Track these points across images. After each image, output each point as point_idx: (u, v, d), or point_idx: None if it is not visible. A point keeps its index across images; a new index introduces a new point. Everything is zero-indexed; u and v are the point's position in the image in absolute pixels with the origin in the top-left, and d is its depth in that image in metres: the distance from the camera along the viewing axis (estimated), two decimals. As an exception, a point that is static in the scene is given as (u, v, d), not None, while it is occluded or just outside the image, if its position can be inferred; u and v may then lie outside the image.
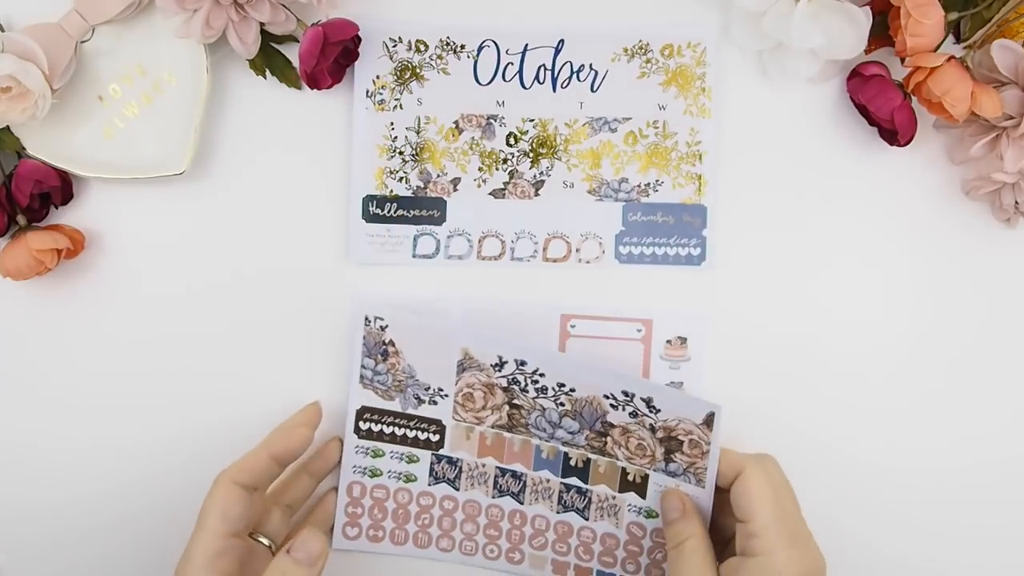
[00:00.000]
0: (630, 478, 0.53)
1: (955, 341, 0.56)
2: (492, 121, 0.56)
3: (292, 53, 0.55)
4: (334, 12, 0.53)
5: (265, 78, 0.56)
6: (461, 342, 0.53)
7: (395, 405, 0.54)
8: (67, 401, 0.58)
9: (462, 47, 0.56)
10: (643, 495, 0.53)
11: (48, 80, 0.51)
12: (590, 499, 0.54)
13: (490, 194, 0.57)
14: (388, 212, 0.57)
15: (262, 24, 0.52)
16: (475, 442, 0.55)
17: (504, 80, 0.56)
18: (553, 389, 0.52)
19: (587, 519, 0.55)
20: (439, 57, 0.56)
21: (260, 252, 0.57)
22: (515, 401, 0.53)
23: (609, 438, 0.53)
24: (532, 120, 0.56)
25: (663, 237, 0.56)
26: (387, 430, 0.55)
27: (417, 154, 0.57)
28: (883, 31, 0.52)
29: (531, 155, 0.56)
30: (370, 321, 0.53)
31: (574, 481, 0.54)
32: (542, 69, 0.56)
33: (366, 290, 0.57)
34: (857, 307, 0.56)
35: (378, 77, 0.56)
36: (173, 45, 0.54)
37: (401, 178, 0.57)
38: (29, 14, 0.53)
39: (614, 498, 0.54)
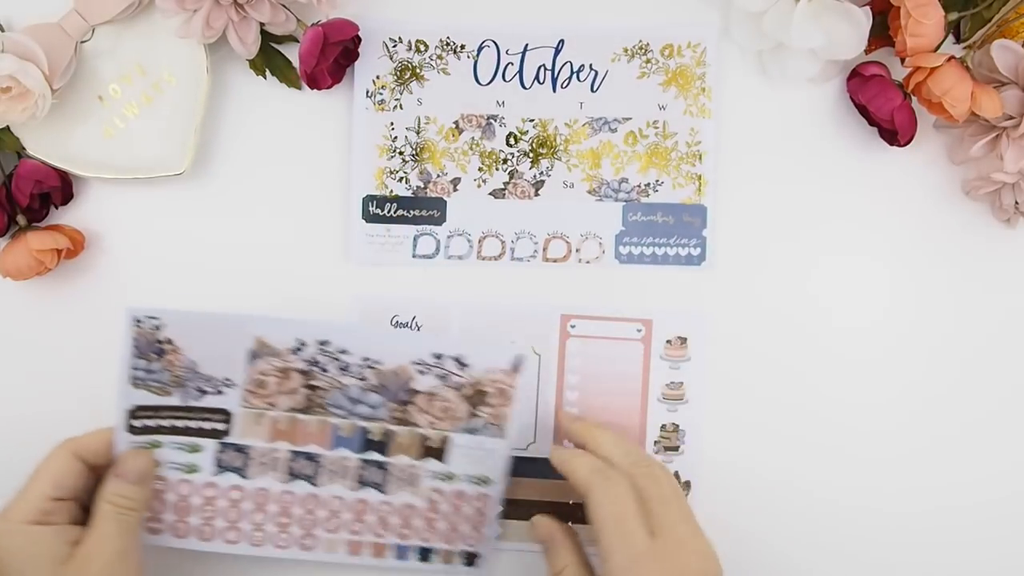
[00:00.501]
0: (430, 444, 0.53)
1: (955, 341, 0.56)
2: (492, 121, 0.56)
3: (292, 53, 0.55)
4: (334, 12, 0.53)
5: (265, 78, 0.56)
6: (254, 331, 0.50)
7: (174, 400, 0.52)
8: (67, 401, 0.58)
9: (462, 47, 0.56)
10: (442, 459, 0.53)
11: (48, 80, 0.51)
12: (388, 471, 0.53)
13: (490, 194, 0.57)
14: (388, 212, 0.57)
15: (262, 24, 0.52)
16: (266, 427, 0.52)
17: (504, 80, 0.56)
18: (358, 365, 0.51)
19: (385, 492, 0.54)
20: (439, 57, 0.56)
21: (260, 252, 0.57)
22: (313, 383, 0.51)
23: (412, 405, 0.52)
24: (532, 120, 0.56)
25: (663, 237, 0.56)
26: (165, 423, 0.52)
27: (417, 154, 0.57)
28: (883, 31, 0.52)
29: (531, 155, 0.56)
30: (141, 321, 0.50)
31: (372, 456, 0.53)
32: (542, 69, 0.56)
33: (366, 290, 0.57)
34: (857, 306, 0.56)
35: (378, 77, 0.56)
36: (173, 45, 0.54)
37: (401, 178, 0.57)
38: (29, 14, 0.53)
39: (413, 466, 0.53)
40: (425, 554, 0.55)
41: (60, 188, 0.55)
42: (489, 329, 0.56)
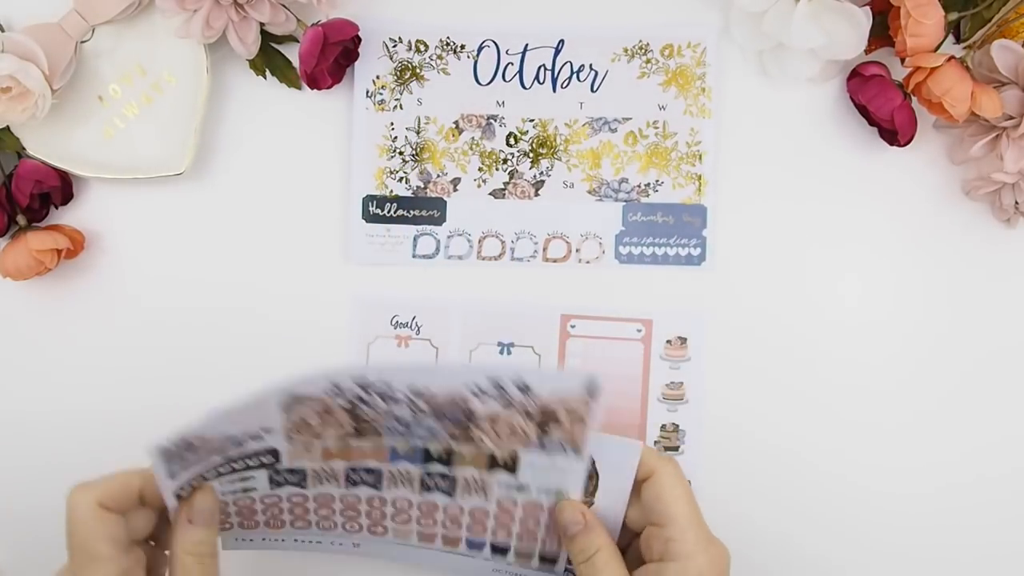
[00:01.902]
0: (499, 462, 0.47)
1: (955, 341, 0.56)
2: (492, 121, 0.56)
3: (292, 53, 0.55)
4: (334, 12, 0.53)
5: (265, 78, 0.56)
6: (277, 395, 0.42)
7: (215, 459, 0.45)
8: (67, 401, 0.58)
9: (462, 47, 0.56)
10: (514, 472, 0.47)
11: (48, 80, 0.51)
12: (455, 480, 0.48)
13: (490, 194, 0.57)
14: (388, 212, 0.57)
15: (262, 24, 0.52)
16: (317, 452, 0.46)
17: (504, 80, 0.56)
18: (406, 397, 0.43)
19: (453, 497, 0.49)
20: (439, 57, 0.56)
21: (260, 252, 0.57)
22: (360, 417, 0.44)
23: (475, 427, 0.45)
24: (532, 120, 0.56)
25: (663, 237, 0.56)
26: (210, 476, 0.46)
27: (417, 154, 0.57)
28: (883, 31, 0.52)
29: (531, 155, 0.56)
30: (170, 448, 0.43)
31: (436, 468, 0.47)
32: (542, 69, 0.56)
33: (366, 290, 0.57)
34: (857, 306, 0.56)
35: (378, 77, 0.56)
36: (173, 45, 0.54)
37: (401, 178, 0.57)
38: (29, 14, 0.53)
39: (482, 479, 0.48)
40: (500, 550, 0.51)
41: (60, 188, 0.55)
42: (489, 330, 0.57)
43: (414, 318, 0.57)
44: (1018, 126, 0.50)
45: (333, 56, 0.52)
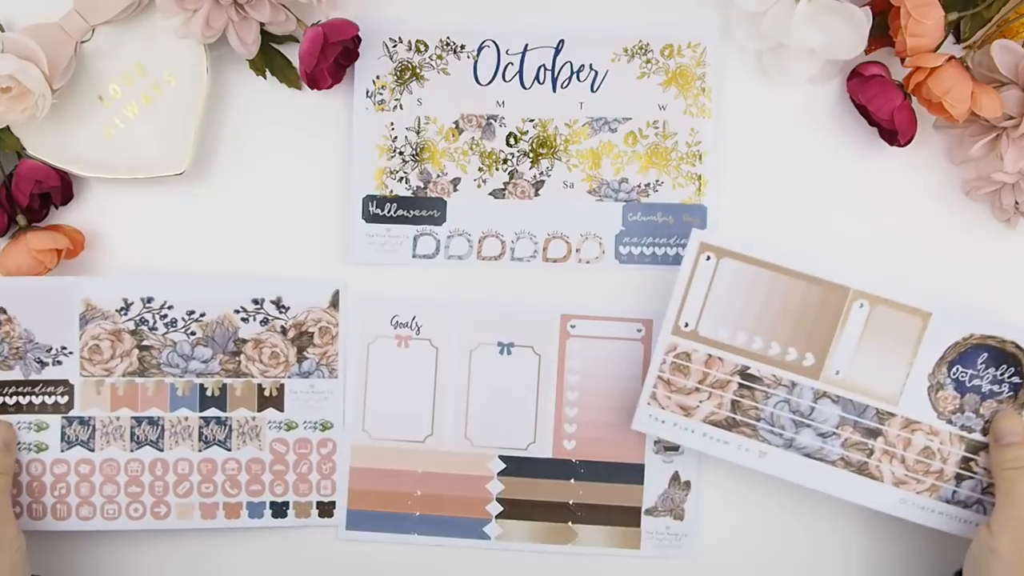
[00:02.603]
0: (266, 393, 0.55)
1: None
2: (492, 121, 0.56)
3: (292, 53, 0.55)
4: (334, 12, 0.53)
5: (265, 78, 0.56)
6: (81, 293, 0.53)
7: (16, 374, 0.54)
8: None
9: (462, 47, 0.56)
10: (281, 408, 0.55)
11: (48, 80, 0.51)
12: (231, 427, 0.55)
13: (490, 194, 0.57)
14: (388, 212, 0.57)
15: (262, 24, 0.52)
16: (107, 395, 0.54)
17: (504, 80, 0.56)
18: (183, 319, 0.54)
19: (230, 449, 0.55)
20: (439, 57, 0.56)
21: (260, 252, 0.57)
22: (144, 343, 0.54)
23: (243, 355, 0.54)
24: (532, 120, 0.56)
25: (663, 237, 0.56)
26: (11, 401, 0.54)
27: (417, 154, 0.57)
28: (883, 31, 0.52)
29: (531, 155, 0.56)
30: None
31: (213, 412, 0.55)
32: (542, 69, 0.56)
33: (366, 290, 0.57)
34: (857, 307, 0.56)
35: (378, 77, 0.56)
36: (173, 45, 0.54)
37: (401, 178, 0.57)
38: (29, 14, 0.53)
39: (254, 419, 0.55)
40: (279, 509, 0.56)
41: (60, 188, 0.54)
42: (489, 329, 0.57)
43: (414, 318, 0.57)
44: (1018, 126, 0.50)
45: (333, 56, 0.52)
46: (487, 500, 0.57)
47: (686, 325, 0.53)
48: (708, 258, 0.53)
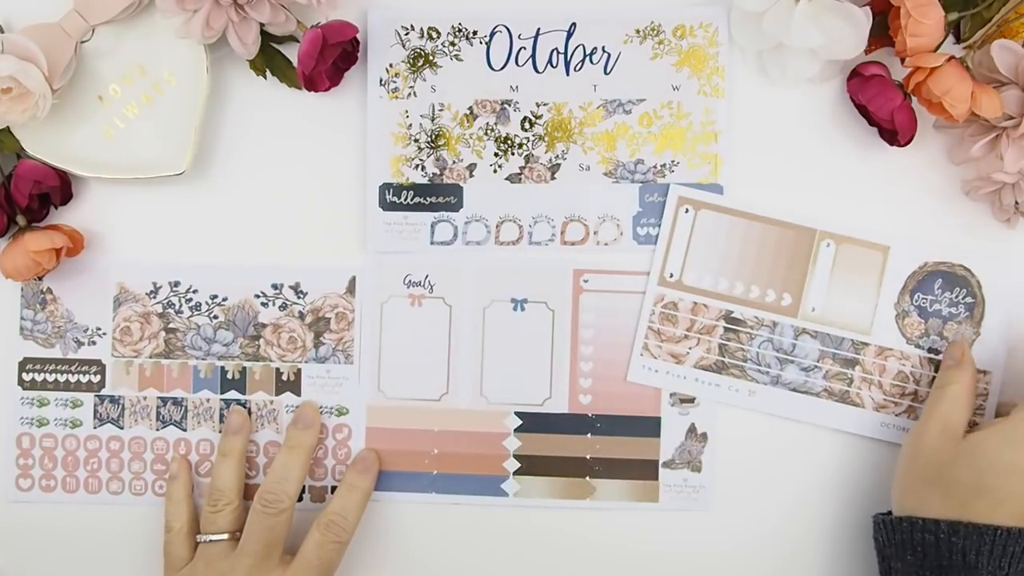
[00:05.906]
0: (284, 377, 0.56)
1: (955, 341, 0.56)
2: (506, 106, 0.56)
3: (292, 53, 0.55)
4: (334, 13, 0.53)
5: (265, 78, 0.56)
6: (116, 277, 0.56)
7: (56, 352, 0.57)
8: (67, 401, 0.58)
9: (474, 33, 0.56)
10: (298, 392, 0.56)
11: (48, 80, 0.51)
12: (250, 410, 0.57)
13: (506, 179, 0.57)
14: (405, 200, 0.57)
15: (262, 25, 0.52)
16: (135, 376, 0.57)
17: (517, 65, 0.56)
18: (207, 303, 0.56)
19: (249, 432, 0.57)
20: (452, 44, 0.56)
21: (259, 252, 0.57)
22: (171, 325, 0.56)
23: (262, 339, 0.56)
24: (546, 104, 0.56)
25: None
26: (50, 378, 0.57)
27: (432, 141, 0.57)
28: (883, 31, 0.52)
29: (546, 139, 0.56)
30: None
31: (233, 395, 0.57)
32: (555, 53, 0.56)
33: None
34: (857, 307, 0.56)
35: (391, 65, 0.56)
36: (173, 45, 0.54)
37: (417, 165, 0.57)
38: (29, 14, 0.53)
39: (272, 403, 0.56)
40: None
41: (60, 188, 0.54)
42: (502, 286, 0.57)
43: (427, 276, 0.57)
44: (1018, 126, 0.50)
45: (332, 58, 0.52)
46: (504, 457, 0.57)
47: (671, 276, 0.55)
48: (687, 211, 0.55)
